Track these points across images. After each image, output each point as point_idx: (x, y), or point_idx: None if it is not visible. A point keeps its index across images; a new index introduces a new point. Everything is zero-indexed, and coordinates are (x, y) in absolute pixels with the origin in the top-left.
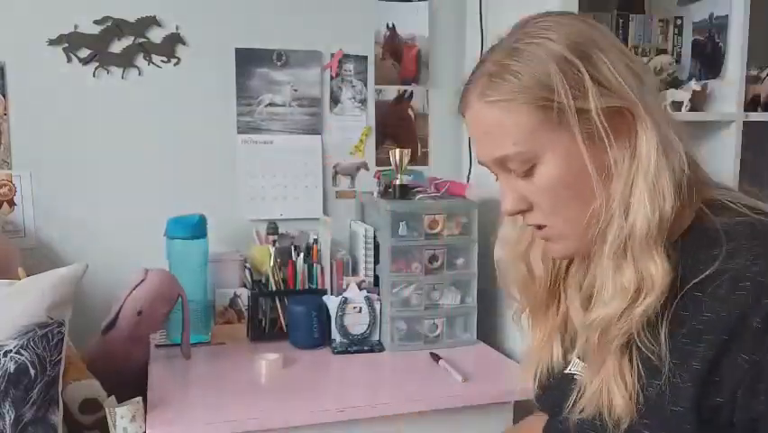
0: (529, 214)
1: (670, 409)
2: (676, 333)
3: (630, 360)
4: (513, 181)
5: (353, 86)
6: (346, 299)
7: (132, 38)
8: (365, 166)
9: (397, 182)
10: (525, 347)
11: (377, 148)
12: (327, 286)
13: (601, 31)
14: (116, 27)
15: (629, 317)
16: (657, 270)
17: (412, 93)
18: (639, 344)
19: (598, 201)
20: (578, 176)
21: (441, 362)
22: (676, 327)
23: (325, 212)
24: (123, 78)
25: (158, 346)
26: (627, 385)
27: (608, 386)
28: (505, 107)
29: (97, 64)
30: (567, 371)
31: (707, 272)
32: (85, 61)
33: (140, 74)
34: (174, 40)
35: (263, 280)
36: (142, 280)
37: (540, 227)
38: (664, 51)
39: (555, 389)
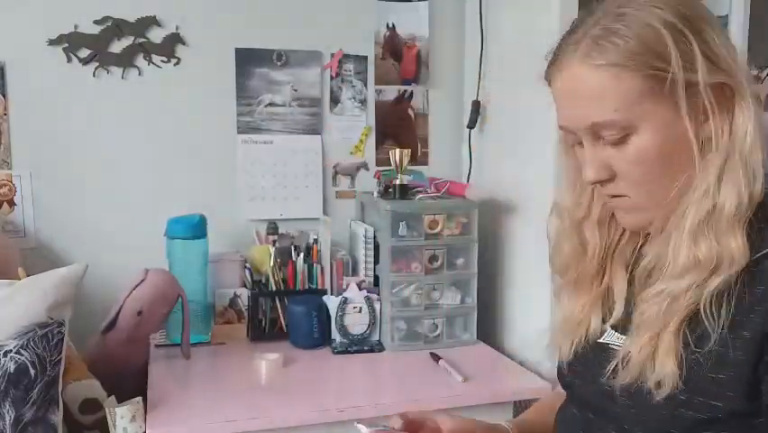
0: (610, 183)
1: (712, 376)
2: (733, 305)
3: (685, 331)
4: (600, 149)
5: (353, 86)
6: (346, 299)
7: (132, 38)
8: (365, 166)
9: (397, 182)
10: (561, 317)
11: (377, 148)
12: (327, 286)
13: (705, 6)
14: (116, 27)
15: (700, 292)
16: (738, 247)
17: (412, 93)
18: (702, 316)
19: (689, 175)
20: (672, 149)
21: (441, 362)
22: (734, 301)
23: (325, 212)
24: (123, 78)
25: (158, 346)
26: (677, 355)
27: (660, 357)
28: (612, 72)
29: (97, 64)
30: (601, 340)
31: (765, 250)
32: (85, 61)
33: (140, 74)
34: (174, 40)
35: (263, 280)
36: (142, 281)
37: (617, 197)
38: None
39: (587, 357)
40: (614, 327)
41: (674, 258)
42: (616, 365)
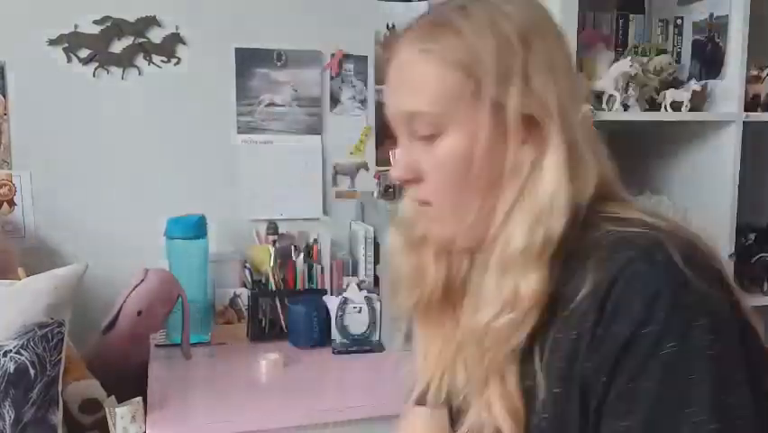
0: (417, 186)
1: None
2: (552, 356)
3: (512, 384)
4: (411, 147)
5: (353, 86)
6: (346, 299)
7: (132, 38)
8: (365, 166)
9: (397, 182)
10: (419, 366)
11: (377, 148)
12: (327, 286)
13: (554, 27)
14: (116, 27)
15: (498, 329)
16: (529, 287)
17: None
18: (517, 365)
19: (490, 201)
20: (479, 163)
21: None
22: (551, 350)
23: (325, 212)
24: (123, 78)
25: (158, 346)
26: (512, 408)
27: (491, 409)
28: (434, 62)
29: (97, 64)
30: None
31: (568, 291)
32: (85, 61)
33: (140, 74)
34: (174, 40)
35: (263, 281)
36: (142, 280)
37: (424, 204)
38: (664, 51)
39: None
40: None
41: (484, 292)
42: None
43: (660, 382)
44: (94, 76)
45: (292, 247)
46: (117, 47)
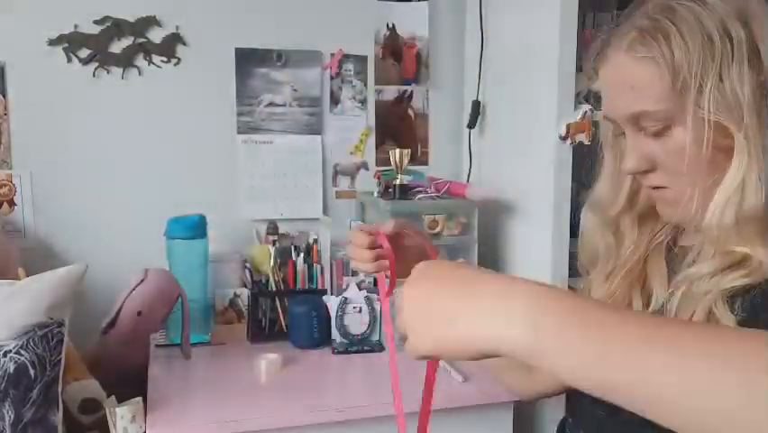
0: (651, 174)
1: None
2: (750, 314)
3: (721, 318)
4: (641, 140)
5: (353, 86)
6: (346, 299)
7: (132, 38)
8: (365, 166)
9: (397, 182)
10: None
11: (377, 148)
12: (327, 286)
13: (762, 7)
14: (116, 27)
15: (718, 281)
16: (765, 254)
17: (412, 93)
18: (718, 314)
19: (728, 172)
20: (706, 148)
21: (441, 362)
22: (751, 310)
23: (325, 212)
24: (123, 78)
25: (158, 346)
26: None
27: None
28: (652, 65)
29: (97, 64)
30: None
31: None
32: (85, 61)
33: (140, 74)
34: (174, 40)
35: (263, 281)
36: (142, 280)
37: (658, 189)
38: None
39: None
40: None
41: (707, 251)
42: None
43: None
44: (94, 76)
45: (292, 247)
46: (117, 47)
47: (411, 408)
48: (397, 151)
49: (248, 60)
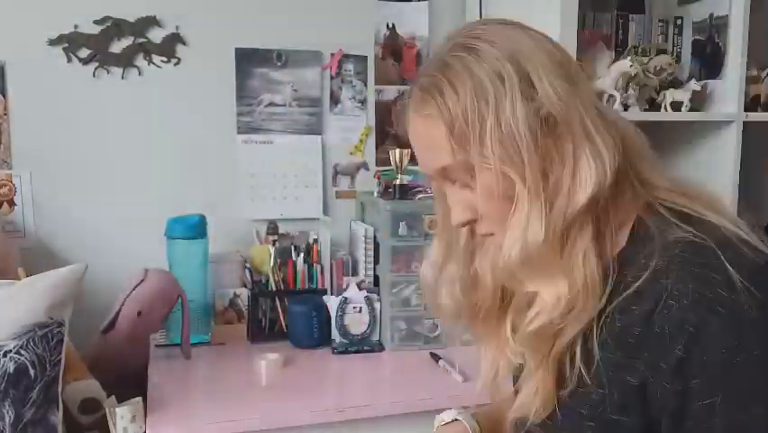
0: (478, 224)
1: (610, 416)
2: (608, 344)
3: (561, 368)
4: (458, 192)
5: (353, 86)
6: (346, 299)
7: (132, 38)
8: (365, 166)
9: (397, 182)
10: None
11: (377, 148)
12: (327, 286)
13: (532, 38)
14: (116, 27)
15: (555, 327)
16: (588, 272)
17: None
18: (571, 354)
19: (513, 216)
20: (512, 186)
21: (441, 362)
22: (610, 337)
23: (325, 212)
24: (123, 78)
25: (158, 346)
26: (552, 391)
27: (539, 391)
28: (435, 120)
29: (97, 64)
30: None
31: (636, 285)
32: (85, 61)
33: (140, 74)
34: (174, 40)
35: (263, 281)
36: (142, 281)
37: (488, 236)
38: (664, 51)
39: None
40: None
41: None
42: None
43: None
44: (94, 76)
45: (292, 247)
46: (117, 47)
47: (411, 408)
48: (397, 151)
49: (248, 60)
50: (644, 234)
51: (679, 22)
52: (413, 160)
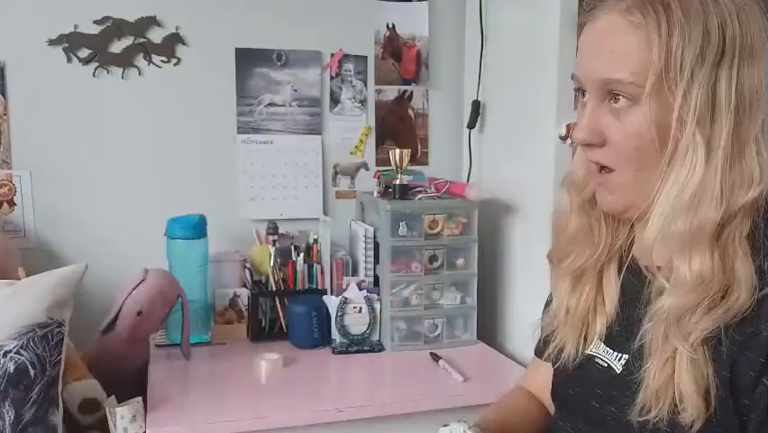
0: (599, 150)
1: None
2: (743, 331)
3: (702, 354)
4: (600, 111)
5: (353, 86)
6: (346, 299)
7: (132, 38)
8: (365, 166)
9: (397, 182)
10: (564, 309)
11: (377, 148)
12: (327, 286)
13: (760, 10)
14: (116, 27)
15: (699, 322)
16: (746, 272)
17: (412, 93)
18: (721, 343)
19: (682, 174)
20: (663, 139)
21: (441, 362)
22: (744, 326)
23: (325, 212)
24: (123, 78)
25: (158, 346)
26: (699, 382)
27: (678, 383)
28: (644, 37)
29: (97, 64)
30: (589, 352)
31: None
32: (85, 61)
33: (140, 74)
34: (174, 40)
35: (263, 280)
36: (142, 281)
37: (603, 170)
38: None
39: (582, 371)
40: (600, 338)
41: (676, 270)
42: (632, 392)
43: None
44: (94, 76)
45: (292, 247)
46: (117, 47)
47: (411, 408)
48: (397, 151)
49: (248, 60)
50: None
51: None
52: (413, 160)
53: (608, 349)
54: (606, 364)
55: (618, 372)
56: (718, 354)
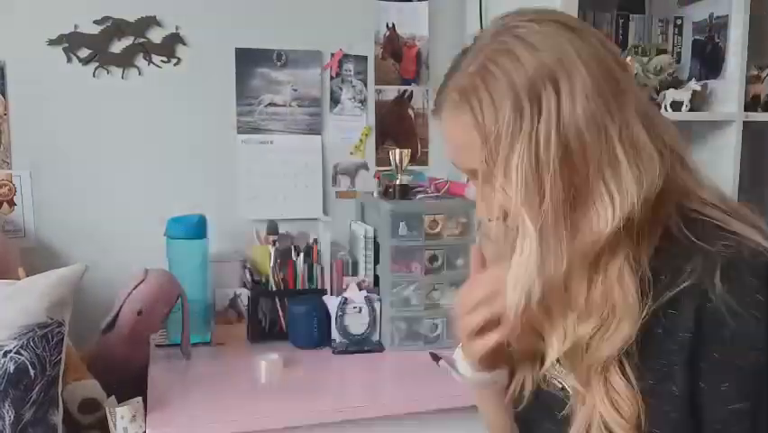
0: (507, 221)
1: (671, 416)
2: (652, 352)
3: (616, 378)
4: (486, 189)
5: (353, 86)
6: (346, 299)
7: (132, 38)
8: (365, 166)
9: (397, 182)
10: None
11: (377, 148)
12: (327, 286)
13: (579, 43)
14: (116, 27)
15: (603, 341)
16: (621, 290)
17: (412, 93)
18: (618, 364)
19: (522, 252)
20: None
21: (441, 362)
22: (652, 346)
23: (325, 212)
24: (123, 78)
25: (158, 346)
26: (619, 405)
27: (599, 407)
28: (472, 129)
29: (97, 64)
30: (545, 372)
31: (676, 291)
32: (85, 61)
33: (140, 74)
34: (174, 40)
35: (263, 281)
36: (142, 281)
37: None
38: (664, 51)
39: (543, 392)
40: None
41: (574, 297)
42: (569, 410)
43: None
44: (94, 76)
45: (292, 247)
46: (117, 47)
47: (411, 408)
48: (397, 151)
49: (248, 60)
50: (678, 243)
51: (679, 22)
52: (413, 160)
53: (561, 369)
54: (560, 387)
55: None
56: (641, 372)
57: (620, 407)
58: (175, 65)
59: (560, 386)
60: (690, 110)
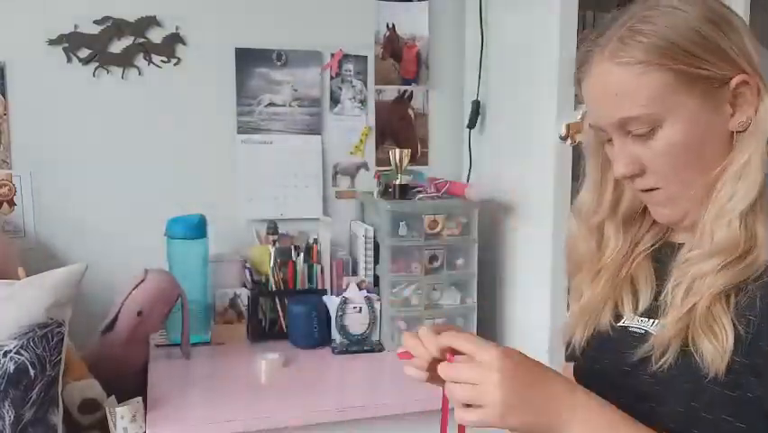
0: (640, 179)
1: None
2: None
3: (719, 307)
4: (629, 144)
5: (353, 86)
6: (346, 299)
7: (132, 38)
8: (365, 166)
9: (397, 182)
10: (577, 307)
11: (377, 148)
12: (327, 286)
13: (729, 9)
14: (116, 27)
15: (717, 279)
16: (762, 229)
17: (412, 93)
18: (714, 312)
19: (716, 166)
20: (700, 141)
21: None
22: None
23: (325, 212)
24: (123, 78)
25: (158, 346)
26: (717, 335)
27: (694, 335)
28: (638, 69)
29: (97, 64)
30: (622, 324)
31: None
32: (85, 61)
33: (140, 74)
34: (174, 40)
35: (263, 280)
36: (142, 281)
37: (650, 190)
38: None
39: (609, 339)
40: (639, 314)
41: (701, 240)
42: (646, 347)
43: None
44: (94, 76)
45: (292, 247)
46: (117, 47)
47: (411, 408)
48: (397, 151)
49: (248, 60)
50: None
51: None
52: (413, 160)
53: (642, 319)
54: (643, 331)
55: (640, 333)
56: (737, 307)
57: (716, 333)
58: (175, 65)
59: (641, 332)
60: None
